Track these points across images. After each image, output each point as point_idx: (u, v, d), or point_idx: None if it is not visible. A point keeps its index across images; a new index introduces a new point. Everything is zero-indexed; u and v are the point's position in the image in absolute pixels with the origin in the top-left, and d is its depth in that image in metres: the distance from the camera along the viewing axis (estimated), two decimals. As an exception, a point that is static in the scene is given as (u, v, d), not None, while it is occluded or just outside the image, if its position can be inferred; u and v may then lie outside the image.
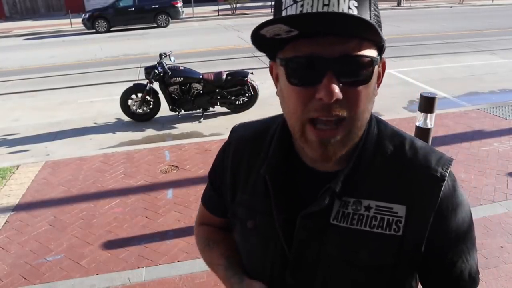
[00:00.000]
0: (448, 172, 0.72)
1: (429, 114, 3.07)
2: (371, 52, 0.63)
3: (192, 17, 18.70)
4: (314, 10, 0.59)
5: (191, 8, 19.31)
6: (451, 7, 20.21)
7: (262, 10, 20.30)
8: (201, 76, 5.78)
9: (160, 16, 16.45)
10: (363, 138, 0.72)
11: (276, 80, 0.73)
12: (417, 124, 3.14)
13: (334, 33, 0.59)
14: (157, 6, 16.29)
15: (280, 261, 0.77)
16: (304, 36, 0.60)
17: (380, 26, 0.64)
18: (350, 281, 0.73)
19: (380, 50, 0.66)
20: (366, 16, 0.61)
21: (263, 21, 0.58)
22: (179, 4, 16.76)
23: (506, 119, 5.17)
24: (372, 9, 0.63)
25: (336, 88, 0.60)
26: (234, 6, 19.52)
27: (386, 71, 0.75)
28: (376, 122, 0.77)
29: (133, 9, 15.96)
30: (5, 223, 3.38)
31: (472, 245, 0.75)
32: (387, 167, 0.73)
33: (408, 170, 0.72)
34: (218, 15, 19.23)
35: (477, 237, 0.79)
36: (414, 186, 0.71)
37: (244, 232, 0.82)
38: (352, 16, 0.57)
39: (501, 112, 5.40)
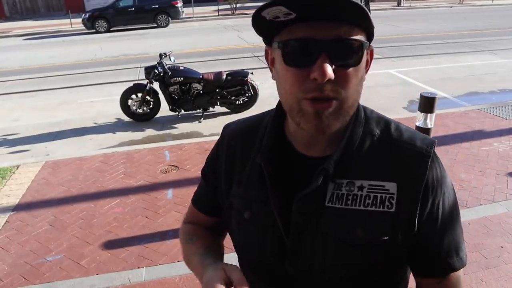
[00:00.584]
0: (433, 149, 0.77)
1: (429, 114, 3.07)
2: (361, 37, 0.67)
3: (192, 17, 18.71)
4: None
5: (191, 8, 19.32)
6: (451, 7, 20.22)
7: (262, 10, 20.28)
8: (201, 76, 5.78)
9: (160, 16, 16.46)
10: (351, 122, 0.76)
11: (271, 64, 0.77)
12: (417, 124, 3.14)
13: (328, 17, 0.63)
14: (157, 6, 16.30)
15: (278, 249, 0.78)
16: (300, 20, 0.64)
17: (369, 12, 0.68)
18: (348, 263, 0.75)
19: (369, 37, 0.70)
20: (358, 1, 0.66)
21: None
22: (179, 4, 16.77)
23: (506, 119, 5.18)
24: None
25: (329, 69, 0.63)
26: (234, 6, 19.53)
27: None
28: (363, 108, 0.81)
29: (133, 9, 15.96)
30: (5, 223, 3.38)
31: (458, 222, 0.79)
32: (375, 148, 0.77)
33: (395, 150, 0.76)
34: (218, 15, 19.24)
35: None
36: (402, 164, 0.75)
37: (241, 223, 0.83)
38: (349, 0, 0.60)
39: (501, 112, 5.40)
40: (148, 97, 5.74)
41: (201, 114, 6.00)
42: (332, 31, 0.64)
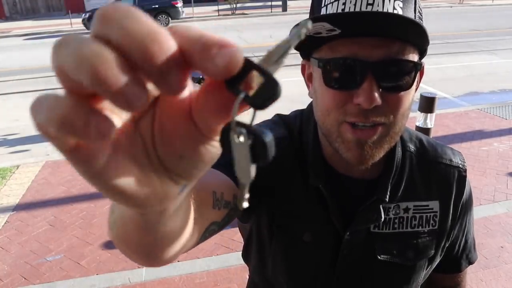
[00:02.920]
0: (465, 163, 0.79)
1: (429, 114, 3.08)
2: (414, 57, 0.60)
3: (192, 17, 18.70)
4: (357, 9, 0.56)
5: (191, 8, 19.32)
6: (451, 7, 20.22)
7: (262, 10, 20.30)
8: (201, 76, 5.77)
9: (160, 16, 16.45)
10: None
11: (308, 80, 0.70)
12: (417, 124, 3.14)
13: (378, 34, 0.55)
14: (157, 6, 16.30)
15: (332, 273, 0.74)
16: (344, 35, 0.56)
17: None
18: (396, 283, 0.75)
19: (422, 54, 0.63)
20: (411, 17, 0.58)
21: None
22: (179, 4, 16.76)
23: (506, 119, 5.17)
24: (417, 10, 0.61)
25: (376, 94, 0.57)
26: (234, 6, 19.51)
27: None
28: None
29: (133, 9, 15.97)
30: (5, 223, 3.38)
31: (473, 219, 0.84)
32: (415, 167, 0.75)
33: (435, 166, 0.76)
34: (218, 15, 19.23)
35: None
36: (443, 182, 0.75)
37: (297, 246, 0.75)
38: (403, 17, 0.53)
39: (501, 112, 5.39)
40: (148, 97, 5.73)
41: (201, 114, 5.99)
42: (381, 49, 0.56)
